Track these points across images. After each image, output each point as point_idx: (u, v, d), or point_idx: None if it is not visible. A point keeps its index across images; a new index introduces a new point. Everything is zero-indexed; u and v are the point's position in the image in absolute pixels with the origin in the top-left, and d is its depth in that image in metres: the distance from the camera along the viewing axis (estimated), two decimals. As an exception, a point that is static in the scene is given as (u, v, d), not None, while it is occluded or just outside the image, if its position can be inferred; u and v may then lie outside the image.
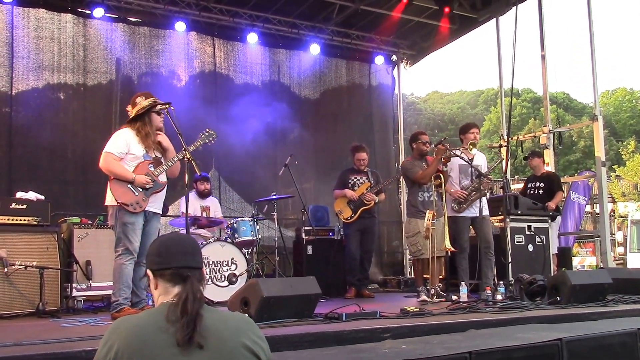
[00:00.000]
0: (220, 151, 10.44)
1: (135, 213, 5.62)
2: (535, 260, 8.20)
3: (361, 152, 8.83)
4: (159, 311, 2.07)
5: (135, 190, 5.64)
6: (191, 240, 2.34)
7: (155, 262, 2.22)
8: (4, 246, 6.16)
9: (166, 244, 2.25)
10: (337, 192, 8.73)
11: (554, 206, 8.77)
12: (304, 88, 11.94)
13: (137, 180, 5.63)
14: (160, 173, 5.79)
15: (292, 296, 5.17)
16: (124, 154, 5.67)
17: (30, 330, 4.93)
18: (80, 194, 9.20)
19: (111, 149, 5.67)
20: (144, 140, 5.73)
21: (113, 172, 5.64)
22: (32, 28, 9.41)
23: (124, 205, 5.58)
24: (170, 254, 2.20)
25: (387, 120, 12.80)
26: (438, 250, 7.26)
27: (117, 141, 5.71)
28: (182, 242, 2.26)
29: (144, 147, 5.74)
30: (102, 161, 5.66)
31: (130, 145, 5.70)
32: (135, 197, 5.63)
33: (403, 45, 12.62)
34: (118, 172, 5.63)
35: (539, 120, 36.62)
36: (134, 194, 5.63)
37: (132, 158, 5.71)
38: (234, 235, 8.23)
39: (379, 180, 8.83)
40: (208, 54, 10.97)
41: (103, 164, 5.65)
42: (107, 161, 5.64)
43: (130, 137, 5.73)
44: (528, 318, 5.35)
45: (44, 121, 9.35)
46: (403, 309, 5.55)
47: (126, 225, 5.60)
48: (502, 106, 11.80)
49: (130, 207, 5.59)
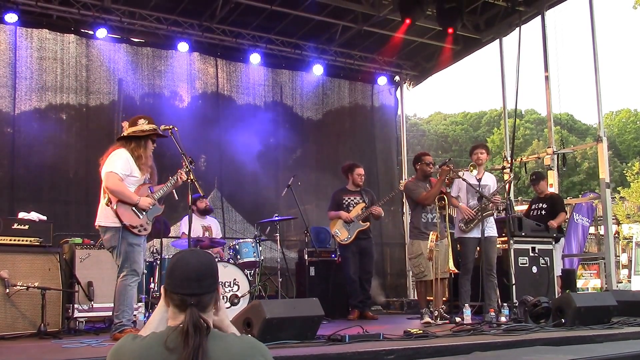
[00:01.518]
0: (222, 172, 10.48)
1: (140, 235, 5.62)
2: (539, 282, 8.13)
3: (359, 167, 8.76)
4: (161, 337, 2.04)
5: (140, 214, 5.62)
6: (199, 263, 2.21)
7: (167, 282, 2.20)
8: (5, 267, 6.09)
9: (173, 267, 2.20)
10: (332, 214, 8.62)
11: (556, 225, 8.71)
12: (307, 109, 11.96)
13: (141, 203, 5.60)
14: (160, 196, 5.78)
15: (295, 317, 5.16)
16: (126, 175, 5.62)
17: (32, 352, 4.91)
18: (82, 215, 9.11)
19: (116, 170, 5.57)
20: (138, 163, 5.69)
21: (121, 193, 5.54)
22: (35, 48, 9.44)
23: (131, 228, 5.55)
24: (176, 278, 2.17)
25: (390, 141, 12.78)
26: (441, 272, 7.23)
27: (120, 162, 5.61)
28: (187, 266, 2.18)
29: (144, 170, 5.73)
30: (108, 181, 5.55)
31: (132, 168, 5.66)
32: (140, 220, 5.62)
33: (406, 66, 12.65)
34: (126, 193, 5.57)
35: (543, 141, 36.58)
36: (138, 217, 5.61)
37: (134, 181, 5.68)
38: (236, 256, 8.20)
39: (373, 200, 8.71)
40: (210, 74, 10.99)
41: (110, 184, 5.53)
42: (114, 182, 5.54)
43: (131, 159, 5.67)
44: (533, 340, 5.36)
45: (46, 141, 9.36)
46: (407, 331, 5.53)
47: (132, 246, 5.58)
48: (506, 127, 11.78)
49: (136, 229, 5.57)
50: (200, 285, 2.15)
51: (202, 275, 2.17)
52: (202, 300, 2.14)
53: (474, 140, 43.47)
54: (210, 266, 2.22)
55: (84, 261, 6.97)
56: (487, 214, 7.54)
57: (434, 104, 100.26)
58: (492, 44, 11.39)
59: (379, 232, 11.55)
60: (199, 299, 2.13)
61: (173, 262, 2.23)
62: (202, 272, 2.18)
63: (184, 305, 2.11)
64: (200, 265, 2.19)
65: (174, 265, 2.20)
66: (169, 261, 2.31)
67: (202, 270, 2.19)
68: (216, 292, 2.22)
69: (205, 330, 2.04)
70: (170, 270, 2.21)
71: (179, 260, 2.21)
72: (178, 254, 2.29)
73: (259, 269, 8.39)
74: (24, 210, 6.98)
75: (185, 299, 2.12)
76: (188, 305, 2.10)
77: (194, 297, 2.12)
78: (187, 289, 2.13)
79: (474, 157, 7.77)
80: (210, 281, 2.19)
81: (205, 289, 2.16)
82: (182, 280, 2.14)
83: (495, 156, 39.27)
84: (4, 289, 5.98)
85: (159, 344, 2.01)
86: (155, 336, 2.07)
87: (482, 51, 11.85)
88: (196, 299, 2.12)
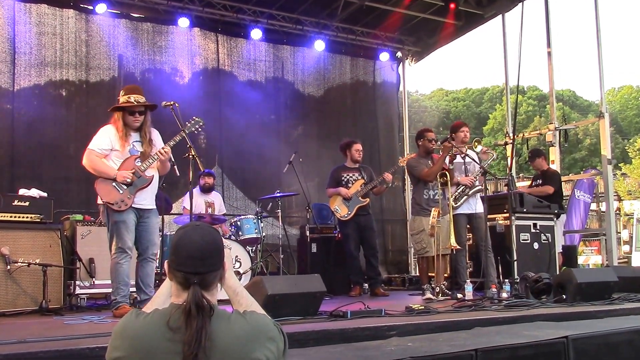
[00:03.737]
0: (223, 148, 10.48)
1: (121, 211, 5.57)
2: (541, 259, 8.13)
3: (356, 143, 8.68)
4: (165, 315, 2.03)
5: (120, 188, 5.59)
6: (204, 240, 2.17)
7: (171, 258, 2.17)
8: (7, 243, 6.09)
9: (177, 244, 2.17)
10: (331, 191, 8.55)
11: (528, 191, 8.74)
12: (308, 85, 11.89)
13: (118, 176, 5.58)
14: (147, 167, 5.71)
15: (296, 294, 5.16)
16: (107, 150, 5.64)
17: (34, 328, 4.87)
18: (83, 191, 9.07)
19: (92, 146, 5.65)
20: (120, 135, 5.68)
21: (95, 170, 5.62)
22: (34, 24, 9.35)
23: (108, 204, 5.56)
24: (180, 256, 2.14)
25: (392, 118, 12.73)
26: (443, 248, 7.22)
27: (99, 138, 5.68)
28: (191, 244, 2.14)
29: (125, 142, 5.68)
30: (84, 159, 5.64)
31: (113, 142, 5.66)
32: (120, 195, 5.58)
33: (408, 42, 12.56)
34: (100, 169, 5.61)
35: (545, 117, 36.50)
36: (118, 191, 5.58)
37: (117, 154, 5.68)
38: (238, 233, 8.22)
39: (372, 176, 8.63)
40: (211, 50, 10.91)
41: (85, 161, 5.64)
42: (89, 158, 5.63)
43: (113, 133, 5.69)
44: (534, 316, 5.35)
45: (46, 118, 9.30)
46: (408, 307, 5.53)
47: (116, 223, 5.59)
48: (508, 103, 11.70)
49: (115, 205, 5.55)
50: (204, 263, 2.12)
51: (206, 254, 2.14)
52: (205, 278, 2.11)
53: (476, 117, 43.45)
54: (215, 243, 2.19)
55: (85, 238, 7.02)
56: (476, 189, 7.60)
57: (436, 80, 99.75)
58: (495, 20, 11.28)
59: (380, 209, 11.58)
60: (202, 277, 2.10)
61: (177, 238, 2.19)
62: (207, 250, 2.15)
63: (187, 283, 2.09)
64: (205, 243, 2.16)
65: (178, 242, 2.17)
66: (172, 237, 2.28)
67: (207, 248, 2.16)
68: (221, 270, 2.20)
69: (209, 310, 2.02)
70: (175, 247, 2.18)
71: (183, 236, 2.18)
72: (182, 229, 2.25)
73: (260, 246, 8.41)
74: (24, 187, 6.98)
75: (188, 277, 2.09)
76: (191, 284, 2.07)
77: (197, 275, 2.10)
78: (191, 267, 2.10)
79: (461, 134, 7.74)
80: (214, 259, 2.16)
81: (209, 267, 2.14)
82: (185, 258, 2.12)
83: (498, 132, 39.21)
84: (5, 265, 5.99)
85: (162, 323, 2.00)
86: (159, 314, 2.06)
87: (484, 27, 11.77)
88: (199, 278, 2.09)
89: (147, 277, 5.78)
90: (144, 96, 5.78)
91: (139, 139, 5.78)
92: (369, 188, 8.46)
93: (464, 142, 7.66)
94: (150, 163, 5.70)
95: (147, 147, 5.76)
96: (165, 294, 2.32)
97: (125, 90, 5.78)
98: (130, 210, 5.63)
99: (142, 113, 5.75)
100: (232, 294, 2.41)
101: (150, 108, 5.84)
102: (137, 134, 5.79)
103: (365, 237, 8.52)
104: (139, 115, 5.72)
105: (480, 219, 7.51)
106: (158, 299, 2.36)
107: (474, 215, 7.60)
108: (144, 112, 5.76)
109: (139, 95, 5.73)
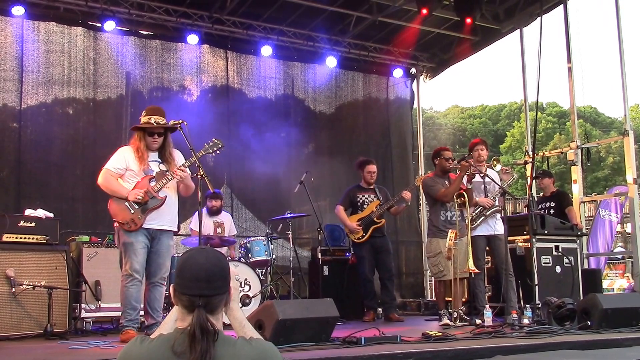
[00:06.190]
0: (232, 167, 10.37)
1: (131, 231, 5.55)
2: (563, 283, 7.95)
3: (371, 164, 8.55)
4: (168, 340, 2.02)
5: (131, 208, 5.58)
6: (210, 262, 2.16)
7: (176, 282, 2.17)
8: (12, 265, 6.02)
9: (182, 267, 2.17)
10: (340, 215, 8.43)
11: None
12: (319, 102, 11.76)
13: (129, 195, 5.57)
14: (161, 188, 5.67)
15: (309, 319, 5.10)
16: (122, 169, 5.69)
17: (38, 353, 4.88)
18: (89, 212, 9.04)
19: (108, 165, 5.71)
20: (136, 155, 5.71)
21: (109, 189, 5.67)
22: (42, 42, 9.31)
23: (120, 224, 5.58)
24: (185, 279, 2.13)
25: (406, 136, 12.56)
26: (461, 272, 7.03)
27: (115, 158, 5.75)
28: (196, 266, 2.13)
29: (141, 163, 5.69)
30: (99, 177, 5.70)
31: (129, 162, 5.70)
32: (131, 215, 5.57)
33: (422, 58, 12.39)
34: (113, 188, 5.65)
35: (565, 135, 36.17)
36: (129, 211, 5.58)
37: (131, 174, 5.69)
38: (248, 255, 8.12)
39: (387, 197, 8.50)
40: (220, 67, 10.81)
41: (100, 180, 5.71)
42: (104, 177, 5.70)
43: (129, 154, 5.73)
44: (558, 344, 5.20)
45: (53, 137, 9.24)
46: (425, 333, 5.41)
47: (125, 245, 5.60)
48: (527, 120, 11.50)
49: (125, 225, 5.56)
50: (209, 286, 2.11)
51: (212, 276, 2.13)
52: (210, 301, 2.11)
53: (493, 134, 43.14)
54: (221, 266, 2.18)
55: (91, 260, 7.01)
56: (494, 209, 7.45)
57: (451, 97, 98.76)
58: (512, 35, 11.17)
59: (394, 230, 11.37)
60: (208, 300, 2.10)
61: (182, 261, 2.19)
62: (212, 272, 2.14)
63: (192, 306, 2.08)
64: (210, 265, 2.15)
65: (183, 264, 2.17)
66: (178, 260, 2.27)
67: (212, 270, 2.14)
68: (227, 294, 2.20)
69: (213, 334, 2.02)
70: (180, 270, 2.17)
71: (188, 259, 2.18)
72: (187, 252, 2.26)
73: (270, 268, 8.36)
74: (30, 206, 6.98)
75: (193, 299, 2.09)
76: (196, 307, 2.07)
77: (202, 298, 2.09)
78: (196, 289, 2.10)
79: (475, 154, 7.61)
80: (220, 282, 2.15)
81: (215, 290, 2.13)
82: (190, 281, 2.11)
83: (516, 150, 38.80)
84: (10, 288, 5.92)
85: (167, 348, 1.99)
86: (163, 339, 2.05)
87: (501, 42, 11.66)
88: (204, 300, 2.09)
89: (155, 302, 5.76)
90: (165, 117, 5.79)
91: (157, 159, 5.80)
92: (385, 208, 8.33)
93: (479, 162, 7.48)
94: (164, 183, 5.68)
95: (169, 167, 5.77)
96: (172, 320, 2.30)
97: (147, 111, 5.82)
98: (140, 232, 5.60)
99: (162, 135, 5.77)
100: (239, 326, 2.41)
101: (170, 130, 5.84)
102: (156, 154, 5.82)
103: (381, 260, 8.36)
104: (157, 137, 5.75)
105: (501, 240, 7.32)
106: (166, 326, 2.36)
107: (494, 236, 7.44)
108: (163, 133, 5.78)
109: (160, 117, 5.75)
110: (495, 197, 7.48)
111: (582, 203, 9.97)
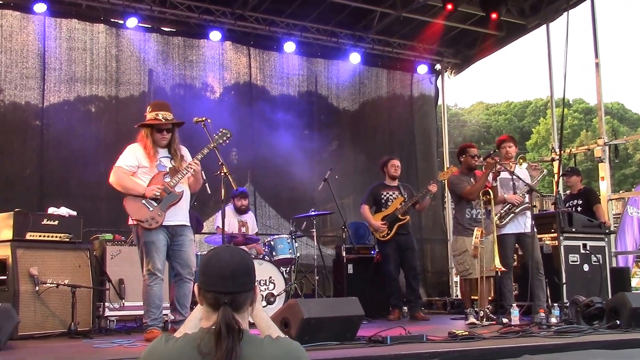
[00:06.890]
0: (255, 165, 10.33)
1: (152, 229, 5.46)
2: (591, 281, 7.85)
3: (393, 159, 8.51)
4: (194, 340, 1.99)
5: (150, 205, 5.49)
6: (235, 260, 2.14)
7: (201, 279, 2.14)
8: (35, 264, 5.97)
9: (207, 264, 2.14)
10: (366, 215, 8.37)
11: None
12: (343, 99, 11.69)
13: (147, 192, 5.48)
14: (176, 183, 5.59)
15: (333, 317, 5.05)
16: (134, 167, 5.60)
17: (62, 352, 4.88)
18: (113, 210, 8.90)
19: (120, 163, 5.62)
20: (145, 152, 5.62)
21: (123, 187, 5.57)
22: (65, 39, 9.31)
23: (139, 222, 5.47)
24: (210, 276, 2.10)
25: (430, 132, 12.44)
26: (487, 270, 6.95)
27: (125, 155, 5.66)
28: (221, 262, 2.11)
29: (152, 159, 5.61)
30: (111, 176, 5.61)
31: (140, 159, 5.61)
32: (150, 212, 5.48)
33: (447, 54, 12.26)
34: (128, 185, 5.56)
35: (591, 131, 35.73)
36: (148, 209, 5.49)
37: (144, 172, 5.60)
38: (272, 253, 8.08)
39: (412, 194, 8.44)
40: (243, 64, 10.77)
41: (112, 179, 5.62)
42: (116, 176, 5.60)
43: (139, 150, 5.64)
44: (586, 343, 5.14)
45: (75, 134, 9.21)
46: (451, 333, 5.35)
47: (146, 244, 5.51)
48: (553, 117, 11.39)
49: (145, 223, 5.46)
50: (234, 282, 2.09)
51: (237, 273, 2.11)
52: (236, 299, 2.08)
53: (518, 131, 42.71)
54: (246, 264, 2.16)
55: (114, 258, 7.02)
56: (524, 207, 7.28)
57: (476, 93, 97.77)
58: (538, 30, 11.04)
59: (419, 228, 11.23)
60: (233, 297, 2.07)
61: (207, 259, 2.17)
62: (237, 269, 2.12)
63: (217, 304, 2.06)
64: (235, 262, 2.13)
65: (208, 262, 2.15)
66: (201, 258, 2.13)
67: (237, 267, 2.12)
68: (252, 292, 2.16)
69: (239, 333, 1.99)
70: (204, 267, 2.15)
71: (213, 256, 2.16)
72: (212, 250, 2.25)
73: (294, 267, 8.32)
74: (53, 205, 6.88)
75: (219, 297, 2.06)
76: (221, 304, 2.05)
77: (228, 295, 2.07)
78: (221, 286, 2.07)
79: (503, 150, 7.47)
80: (245, 279, 2.13)
81: (240, 287, 2.11)
82: (215, 278, 2.09)
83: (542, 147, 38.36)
84: (33, 286, 5.87)
85: (192, 348, 1.97)
86: (188, 339, 2.02)
87: (527, 37, 11.53)
88: (230, 298, 2.07)
89: (183, 298, 5.69)
90: (171, 112, 5.70)
91: (167, 155, 5.71)
92: (410, 204, 8.26)
93: (506, 159, 7.35)
94: (179, 178, 5.61)
95: (178, 163, 5.68)
96: (197, 317, 2.30)
97: (152, 107, 5.72)
98: (160, 230, 5.52)
99: (170, 130, 5.69)
100: (265, 326, 2.45)
101: (177, 125, 5.76)
102: (165, 151, 5.73)
103: (406, 258, 8.30)
104: (166, 133, 5.67)
105: (530, 238, 7.17)
106: (190, 323, 2.37)
107: (524, 234, 7.27)
108: (171, 129, 5.69)
109: (167, 112, 5.66)
110: (524, 194, 7.34)
111: (609, 200, 9.80)
